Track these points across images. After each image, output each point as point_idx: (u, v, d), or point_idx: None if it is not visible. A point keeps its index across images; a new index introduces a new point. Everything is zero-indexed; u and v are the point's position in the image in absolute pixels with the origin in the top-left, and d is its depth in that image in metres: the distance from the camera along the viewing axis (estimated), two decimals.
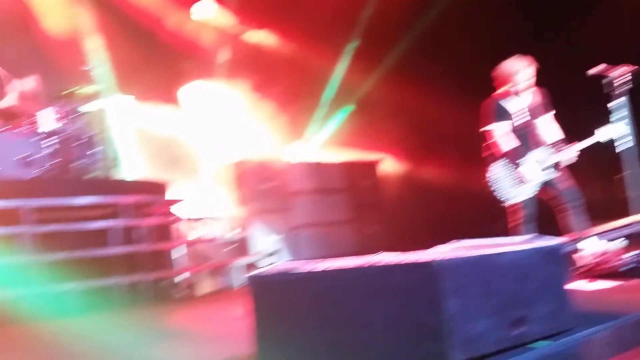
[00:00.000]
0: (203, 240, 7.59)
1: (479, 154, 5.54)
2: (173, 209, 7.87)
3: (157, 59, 10.12)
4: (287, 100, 10.73)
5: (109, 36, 9.79)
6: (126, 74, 9.63)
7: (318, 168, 9.88)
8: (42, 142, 7.49)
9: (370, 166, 10.69)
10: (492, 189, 5.28)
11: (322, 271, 2.92)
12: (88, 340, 4.31)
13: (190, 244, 7.47)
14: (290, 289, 3.03)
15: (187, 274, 6.60)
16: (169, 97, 10.62)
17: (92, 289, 5.92)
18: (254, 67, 10.85)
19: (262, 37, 11.32)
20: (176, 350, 3.73)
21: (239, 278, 6.92)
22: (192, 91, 11.00)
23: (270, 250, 8.01)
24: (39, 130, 7.60)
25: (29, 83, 8.24)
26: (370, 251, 3.26)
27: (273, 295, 3.09)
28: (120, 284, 6.14)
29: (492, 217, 5.74)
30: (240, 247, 7.95)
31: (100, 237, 6.45)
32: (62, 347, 4.11)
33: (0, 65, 8.42)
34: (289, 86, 10.73)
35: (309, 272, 2.97)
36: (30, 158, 7.33)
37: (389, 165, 11.19)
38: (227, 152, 9.98)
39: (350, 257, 3.01)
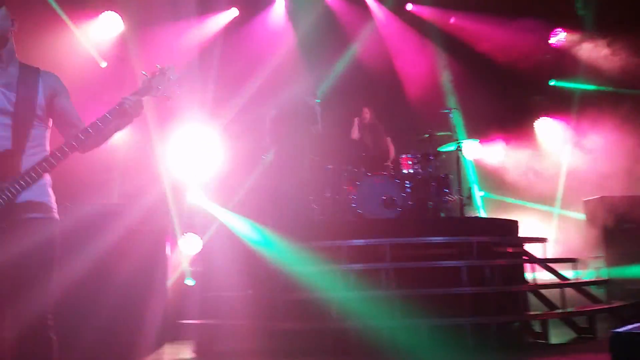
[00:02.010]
0: (559, 283, 7.08)
1: None
2: (526, 248, 7.59)
3: (507, 95, 10.06)
4: None
5: (458, 78, 10.15)
6: (474, 115, 9.83)
7: None
8: (402, 184, 8.11)
9: None
10: None
11: None
12: None
13: (544, 287, 7.05)
14: None
15: (540, 320, 6.21)
16: (518, 134, 10.43)
17: (440, 327, 6.03)
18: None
19: None
20: None
21: (600, 328, 6.23)
22: (545, 126, 10.60)
23: (634, 300, 7.01)
24: (400, 173, 8.26)
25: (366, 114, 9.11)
26: None
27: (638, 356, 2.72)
28: (468, 324, 6.11)
29: None
30: (603, 293, 7.20)
31: (451, 276, 6.57)
32: None
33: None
34: None
35: None
36: (392, 199, 7.99)
37: None
38: (592, 187, 9.24)
39: None
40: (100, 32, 8.96)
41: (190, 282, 8.14)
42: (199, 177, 9.16)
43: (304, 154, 8.42)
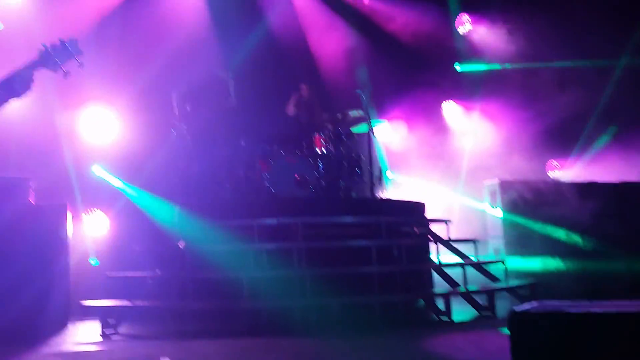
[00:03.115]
0: (462, 263, 7.40)
1: None
2: (432, 229, 7.87)
3: (418, 79, 10.33)
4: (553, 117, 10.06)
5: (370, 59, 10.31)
6: (384, 96, 10.04)
7: (589, 189, 8.94)
8: (315, 164, 8.13)
9: None
10: None
11: (606, 313, 2.63)
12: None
13: (448, 266, 7.35)
14: (561, 329, 2.77)
15: (444, 298, 6.47)
16: (428, 117, 10.78)
17: (350, 306, 6.15)
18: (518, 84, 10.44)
19: None
20: None
21: (500, 307, 6.58)
22: (451, 109, 11.01)
23: (530, 281, 7.46)
24: (313, 153, 8.27)
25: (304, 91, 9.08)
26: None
27: (538, 334, 2.86)
28: (377, 303, 6.27)
29: None
30: (502, 273, 7.60)
31: (360, 256, 6.70)
32: None
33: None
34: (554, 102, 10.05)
35: (589, 314, 2.69)
36: (305, 178, 8.01)
37: None
38: (492, 170, 9.70)
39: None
40: None
41: (93, 261, 7.82)
42: (104, 152, 8.76)
43: (216, 129, 8.26)
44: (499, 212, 8.82)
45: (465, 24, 11.35)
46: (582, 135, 10.39)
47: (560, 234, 8.50)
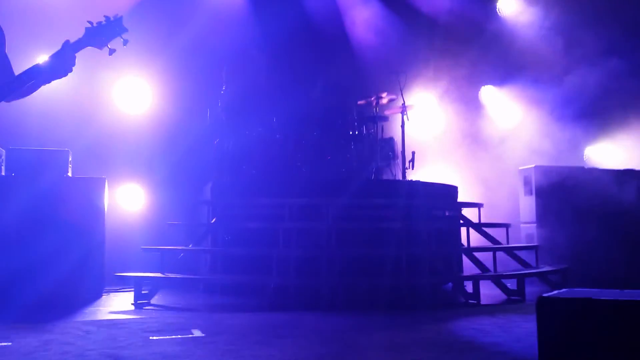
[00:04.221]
0: (492, 247, 7.36)
1: None
2: (464, 213, 7.84)
3: (458, 60, 10.20)
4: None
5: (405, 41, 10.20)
6: (419, 79, 9.95)
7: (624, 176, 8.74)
8: (347, 145, 8.14)
9: None
10: None
11: (635, 302, 2.64)
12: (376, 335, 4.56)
13: (478, 250, 7.32)
14: (589, 317, 2.78)
15: (472, 281, 6.47)
16: (468, 98, 10.65)
17: (378, 287, 6.20)
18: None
19: None
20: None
21: (530, 292, 6.56)
22: (488, 92, 10.87)
23: (557, 267, 7.39)
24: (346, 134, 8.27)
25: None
26: None
27: (566, 321, 2.87)
28: (405, 285, 6.30)
29: None
30: (533, 258, 7.55)
31: (390, 238, 6.71)
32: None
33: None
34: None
35: (617, 302, 2.70)
36: (337, 159, 8.03)
37: None
38: (528, 156, 9.57)
39: None
40: None
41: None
42: (140, 123, 8.89)
43: (250, 107, 8.32)
44: (532, 199, 8.72)
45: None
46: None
47: (593, 221, 8.37)
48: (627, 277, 7.48)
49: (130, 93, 9.00)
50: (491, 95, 11.18)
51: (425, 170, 9.66)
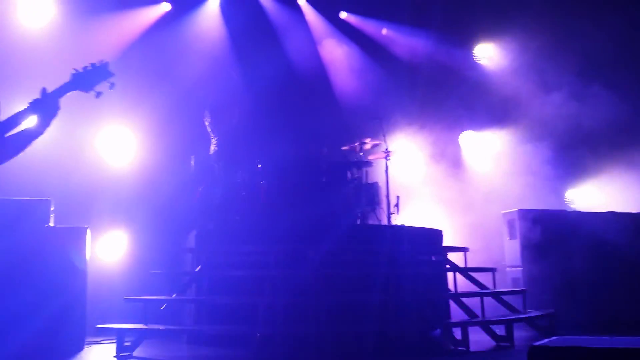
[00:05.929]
0: (480, 292, 7.32)
1: None
2: (449, 257, 7.81)
3: (437, 108, 10.37)
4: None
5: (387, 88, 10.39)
6: (401, 125, 10.09)
7: (608, 218, 8.82)
8: (333, 191, 8.13)
9: None
10: None
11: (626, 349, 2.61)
12: None
13: (465, 295, 7.28)
14: None
15: (461, 327, 6.40)
16: (448, 143, 10.78)
17: (366, 334, 6.11)
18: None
19: None
20: None
21: (518, 337, 6.50)
22: (468, 138, 11.02)
23: (544, 312, 7.35)
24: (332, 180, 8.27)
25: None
26: None
27: None
28: (393, 331, 6.21)
29: None
30: (520, 302, 7.51)
31: (376, 283, 6.64)
32: None
33: None
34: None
35: (609, 349, 2.67)
36: (321, 205, 8.01)
37: None
38: (511, 200, 9.63)
39: None
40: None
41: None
42: (123, 173, 8.84)
43: (233, 153, 8.33)
44: (517, 242, 8.73)
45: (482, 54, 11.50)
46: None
47: (578, 263, 8.40)
48: (611, 319, 7.46)
49: (113, 141, 8.97)
50: (471, 139, 11.33)
51: (411, 214, 9.68)
